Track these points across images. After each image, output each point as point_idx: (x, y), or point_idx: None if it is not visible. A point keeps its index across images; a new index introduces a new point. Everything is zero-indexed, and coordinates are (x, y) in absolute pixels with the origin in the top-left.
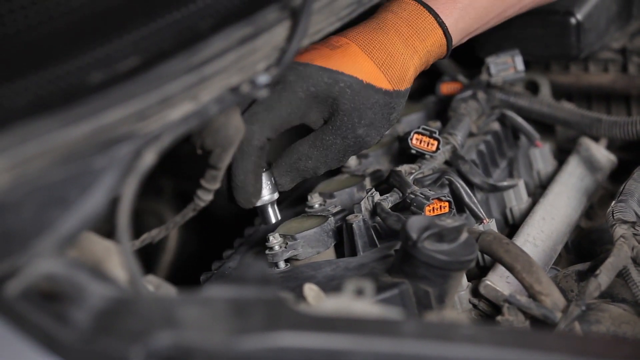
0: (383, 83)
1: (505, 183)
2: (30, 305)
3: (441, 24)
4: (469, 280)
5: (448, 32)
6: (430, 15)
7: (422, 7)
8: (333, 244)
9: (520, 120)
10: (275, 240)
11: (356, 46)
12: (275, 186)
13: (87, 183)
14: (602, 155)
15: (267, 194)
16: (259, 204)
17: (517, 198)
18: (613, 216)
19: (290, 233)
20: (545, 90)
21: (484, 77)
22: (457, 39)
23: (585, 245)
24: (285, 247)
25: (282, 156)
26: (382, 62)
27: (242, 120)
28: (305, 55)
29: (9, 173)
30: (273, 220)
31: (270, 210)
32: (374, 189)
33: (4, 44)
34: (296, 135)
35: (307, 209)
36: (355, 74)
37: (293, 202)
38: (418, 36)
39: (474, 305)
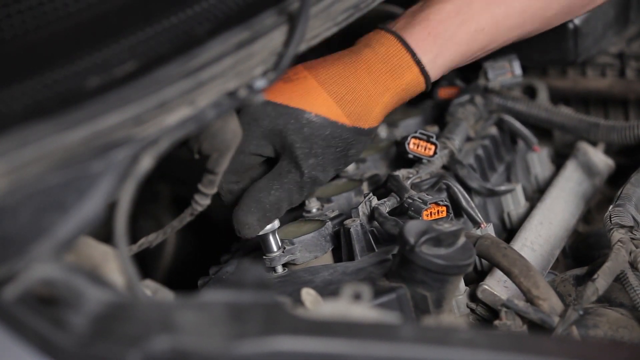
0: (340, 117)
1: (502, 187)
2: (28, 309)
3: (418, 62)
4: (466, 285)
5: (425, 70)
6: (407, 53)
7: (400, 45)
8: (331, 249)
9: (517, 124)
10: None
11: (314, 80)
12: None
13: (84, 188)
14: (600, 159)
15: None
16: (260, 233)
17: (514, 202)
18: (610, 220)
19: (287, 237)
20: (542, 95)
21: (481, 81)
22: (438, 73)
23: (582, 250)
24: (283, 252)
25: (245, 195)
26: (341, 97)
27: (239, 124)
28: None
29: (6, 178)
30: (274, 249)
31: (271, 239)
32: (371, 194)
33: (1, 49)
34: None
35: (304, 214)
36: (304, 107)
37: None
38: (392, 74)
39: (472, 310)
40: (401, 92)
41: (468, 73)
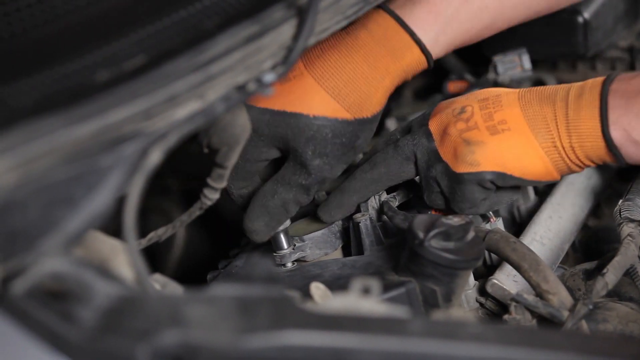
0: (340, 113)
1: None
2: (37, 304)
3: (418, 42)
4: (476, 279)
5: (426, 48)
6: (406, 34)
7: (397, 25)
8: (341, 246)
9: None
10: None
11: (310, 77)
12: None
13: (93, 182)
14: None
15: None
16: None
17: (524, 196)
18: (620, 215)
19: (298, 234)
20: None
21: (491, 75)
22: (440, 52)
23: (592, 244)
24: (294, 249)
25: (251, 201)
26: (337, 91)
27: (248, 118)
28: None
29: (15, 172)
30: (285, 246)
31: (282, 237)
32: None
33: (11, 43)
34: None
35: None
36: (301, 110)
37: None
38: (391, 56)
39: (481, 304)
40: (402, 74)
41: (477, 67)
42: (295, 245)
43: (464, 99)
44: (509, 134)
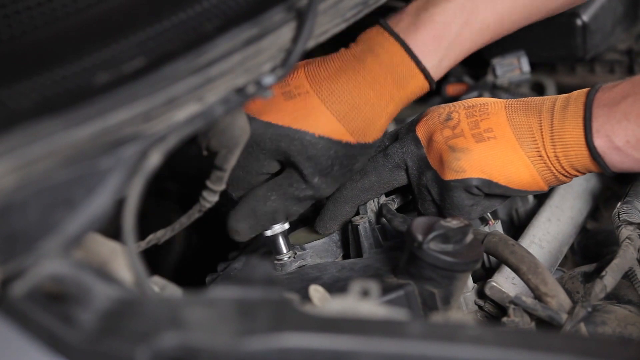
0: (343, 136)
1: None
2: (36, 305)
3: (423, 70)
4: (474, 282)
5: (430, 76)
6: (412, 62)
7: (403, 52)
8: (341, 255)
9: None
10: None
11: (316, 97)
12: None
13: (92, 184)
14: None
15: (278, 225)
16: (269, 234)
17: (522, 199)
18: (619, 217)
19: (298, 243)
20: (551, 92)
21: (489, 78)
22: (442, 74)
23: (591, 247)
24: (294, 257)
25: (241, 201)
26: (343, 115)
27: (247, 121)
28: (258, 104)
29: (14, 174)
30: (284, 251)
31: (281, 240)
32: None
33: (10, 45)
34: None
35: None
36: (307, 128)
37: None
38: (396, 84)
39: (480, 307)
40: (405, 100)
41: (476, 70)
42: (296, 253)
43: (451, 106)
44: (495, 142)
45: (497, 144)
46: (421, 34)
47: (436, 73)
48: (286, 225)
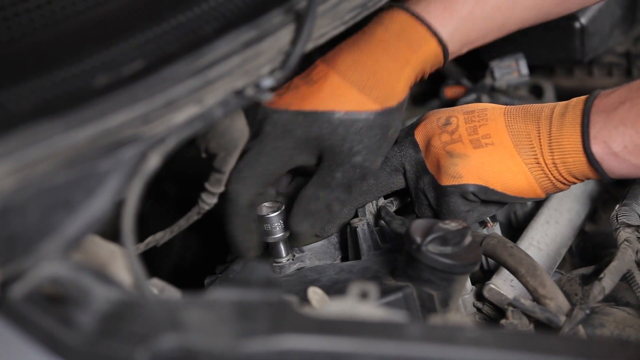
0: (368, 105)
1: None
2: (36, 307)
3: (435, 34)
4: (473, 284)
5: (443, 40)
6: (423, 26)
7: (414, 19)
8: (340, 257)
9: None
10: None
11: (335, 74)
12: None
13: (92, 186)
14: None
15: (279, 232)
16: (270, 240)
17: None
18: (617, 220)
19: (297, 245)
20: (549, 94)
21: (488, 80)
22: (455, 48)
23: (589, 249)
24: (293, 259)
25: (294, 204)
26: (364, 85)
27: (246, 123)
28: (283, 99)
29: (14, 176)
30: (284, 255)
31: (282, 246)
32: None
33: (10, 47)
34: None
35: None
36: (333, 107)
37: None
38: (409, 48)
39: (478, 309)
40: (421, 64)
41: (474, 72)
42: (294, 255)
43: (450, 110)
44: (492, 148)
45: (495, 151)
46: (432, 6)
47: (449, 43)
48: (287, 233)
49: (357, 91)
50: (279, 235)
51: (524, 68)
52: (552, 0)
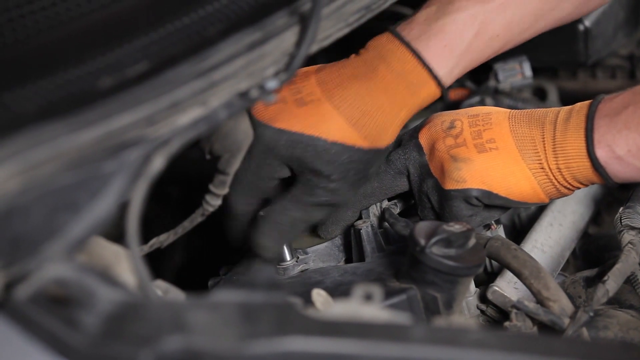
0: (357, 141)
1: None
2: (40, 309)
3: (435, 77)
4: (477, 286)
5: (441, 83)
6: (425, 70)
7: (415, 60)
8: (344, 259)
9: None
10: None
11: (329, 104)
12: None
13: (96, 188)
14: None
15: None
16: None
17: None
18: (621, 222)
19: (301, 247)
20: (552, 97)
21: (491, 83)
22: (452, 82)
23: (593, 252)
24: (297, 261)
25: (262, 218)
26: (356, 121)
27: (250, 125)
28: (270, 111)
29: (18, 177)
30: (288, 258)
31: (285, 250)
32: None
33: (15, 49)
34: None
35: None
36: (320, 134)
37: None
38: (409, 91)
39: (482, 311)
40: (417, 107)
41: (478, 74)
42: (298, 257)
43: (455, 114)
44: (496, 152)
45: (499, 155)
46: (433, 43)
47: (447, 81)
48: None
49: (348, 124)
50: None
51: (527, 70)
52: (546, 21)
